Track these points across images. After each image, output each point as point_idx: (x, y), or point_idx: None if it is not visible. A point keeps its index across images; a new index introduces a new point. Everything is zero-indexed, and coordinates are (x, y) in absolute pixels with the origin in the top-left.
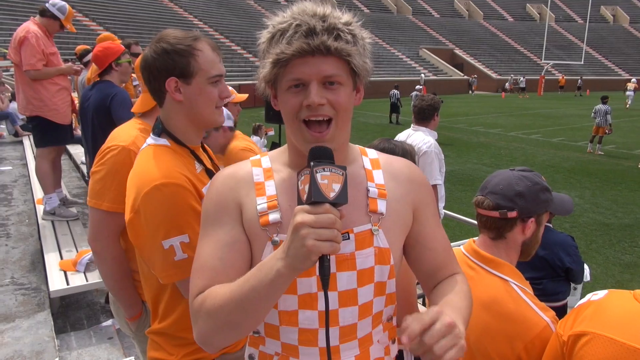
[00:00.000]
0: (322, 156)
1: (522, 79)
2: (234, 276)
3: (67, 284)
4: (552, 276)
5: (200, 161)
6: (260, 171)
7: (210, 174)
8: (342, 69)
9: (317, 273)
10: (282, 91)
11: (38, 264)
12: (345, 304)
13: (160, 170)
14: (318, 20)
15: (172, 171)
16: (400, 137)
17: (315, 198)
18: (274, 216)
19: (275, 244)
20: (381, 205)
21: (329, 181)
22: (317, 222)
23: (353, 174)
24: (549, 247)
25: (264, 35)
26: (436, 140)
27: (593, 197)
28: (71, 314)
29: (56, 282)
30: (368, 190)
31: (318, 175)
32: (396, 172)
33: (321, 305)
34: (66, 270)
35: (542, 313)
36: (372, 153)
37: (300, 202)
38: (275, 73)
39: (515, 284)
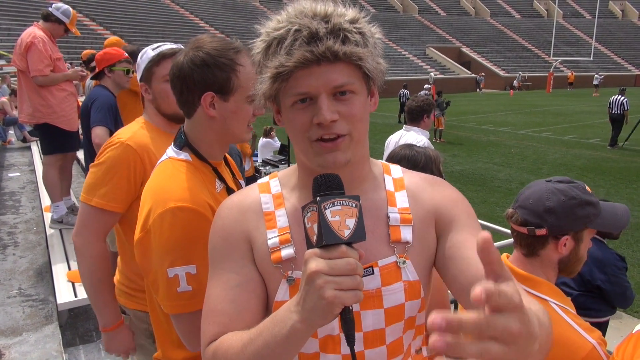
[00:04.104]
0: (329, 186)
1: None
2: (250, 319)
3: (75, 295)
4: (583, 290)
5: (222, 179)
6: (269, 198)
7: (230, 192)
8: (354, 76)
9: (341, 330)
10: (286, 108)
11: (46, 274)
12: (372, 345)
13: (179, 190)
14: (320, 21)
15: (191, 193)
16: (393, 137)
17: (327, 240)
18: (287, 252)
19: (291, 282)
20: (405, 233)
21: (340, 217)
22: (335, 269)
23: (372, 199)
24: (586, 261)
25: (257, 45)
26: (427, 138)
27: (607, 195)
28: (80, 325)
29: (64, 294)
30: (388, 217)
31: (327, 212)
32: (418, 191)
33: (345, 349)
34: (74, 282)
35: (587, 335)
36: (397, 171)
37: (310, 244)
38: (277, 88)
39: (555, 303)
